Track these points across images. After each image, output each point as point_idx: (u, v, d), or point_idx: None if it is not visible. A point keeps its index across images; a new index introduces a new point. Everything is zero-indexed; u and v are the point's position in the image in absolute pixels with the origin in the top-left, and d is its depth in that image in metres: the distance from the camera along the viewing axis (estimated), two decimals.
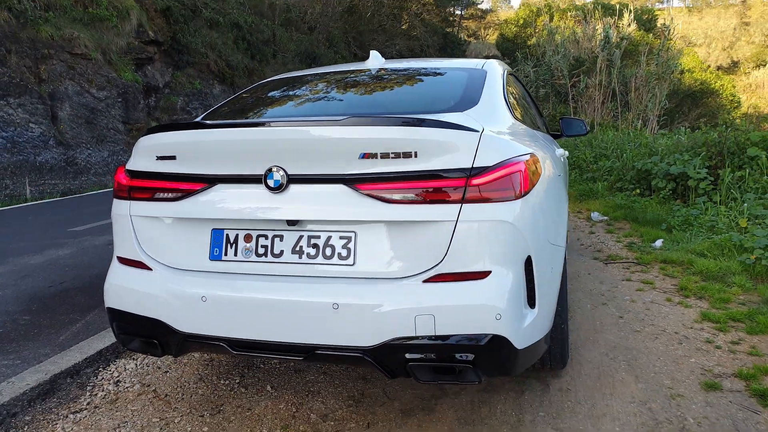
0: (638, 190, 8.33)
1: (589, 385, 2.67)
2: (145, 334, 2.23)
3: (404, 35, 37.81)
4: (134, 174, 2.29)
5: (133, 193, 2.28)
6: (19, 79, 10.50)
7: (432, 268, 1.96)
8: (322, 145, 2.00)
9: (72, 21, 12.39)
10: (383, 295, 1.95)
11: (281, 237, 2.09)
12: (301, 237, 2.07)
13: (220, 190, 2.13)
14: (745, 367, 2.79)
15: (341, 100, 2.81)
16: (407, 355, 1.95)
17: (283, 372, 2.89)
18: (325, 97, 2.87)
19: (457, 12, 64.02)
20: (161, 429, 2.39)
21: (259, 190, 2.05)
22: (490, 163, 1.96)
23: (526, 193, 2.04)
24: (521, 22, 40.78)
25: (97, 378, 2.88)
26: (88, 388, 2.79)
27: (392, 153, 1.94)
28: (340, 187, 1.99)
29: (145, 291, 2.20)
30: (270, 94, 3.02)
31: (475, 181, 1.94)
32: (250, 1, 21.15)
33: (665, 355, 2.98)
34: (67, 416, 2.51)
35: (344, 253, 2.03)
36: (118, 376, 2.89)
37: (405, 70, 3.10)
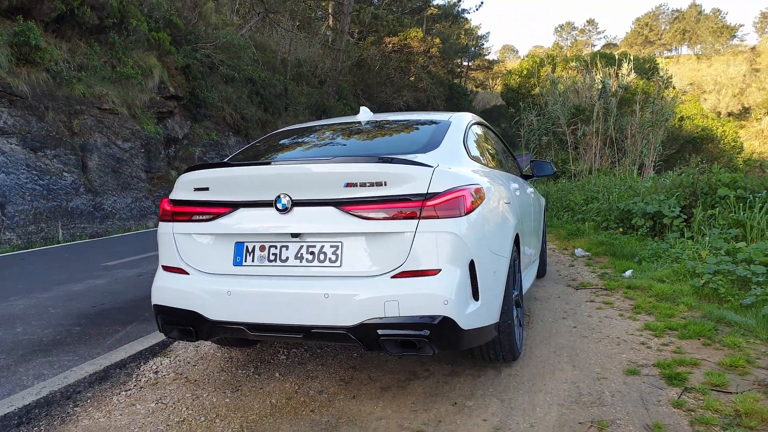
0: (621, 229, 9.00)
1: (534, 372, 3.32)
2: (183, 323, 2.93)
3: (411, 87, 39.15)
4: (176, 202, 3.04)
5: (175, 216, 3.03)
6: (55, 132, 11.52)
7: (398, 267, 2.66)
8: (317, 177, 2.75)
9: (101, 79, 13.53)
10: (361, 287, 2.65)
11: (287, 247, 2.81)
12: (301, 246, 2.79)
13: (241, 212, 2.86)
14: (665, 360, 3.42)
15: (336, 145, 3.58)
16: (379, 332, 2.63)
17: (289, 364, 3.56)
18: (323, 142, 3.65)
19: (465, 63, 66.10)
20: (193, 400, 3.06)
21: (271, 211, 2.78)
22: (441, 190, 2.69)
23: (469, 213, 2.76)
24: (525, 72, 42.18)
25: (140, 369, 3.57)
26: (134, 376, 3.48)
27: (368, 182, 2.67)
28: (331, 209, 2.72)
29: (183, 290, 2.92)
30: (280, 141, 3.80)
31: (429, 203, 2.66)
32: (263, 57, 22.51)
33: (602, 353, 3.62)
34: (120, 393, 3.20)
35: (333, 258, 2.74)
36: (156, 368, 3.58)
37: (388, 121, 3.88)
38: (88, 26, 13.45)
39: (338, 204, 2.70)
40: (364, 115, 3.96)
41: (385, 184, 2.67)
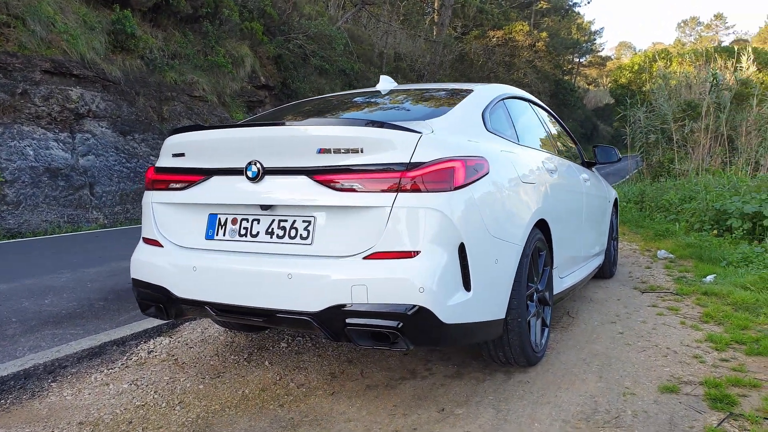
0: (715, 231, 7.98)
1: (550, 380, 2.84)
2: (154, 299, 2.74)
3: (515, 82, 37.90)
4: (157, 170, 2.86)
5: (155, 185, 2.85)
6: (144, 117, 12.07)
7: (371, 247, 2.31)
8: (288, 142, 2.45)
9: (193, 68, 14.03)
10: (329, 269, 2.32)
11: (258, 220, 2.55)
12: (273, 220, 2.51)
13: (214, 181, 2.63)
14: (716, 378, 2.81)
15: (341, 112, 3.28)
16: (347, 320, 2.29)
17: (286, 353, 3.31)
18: (329, 112, 3.34)
19: (575, 59, 63.20)
20: (167, 384, 2.88)
21: (242, 180, 2.52)
22: (426, 160, 2.31)
23: (461, 188, 2.36)
24: (636, 68, 39.70)
25: (136, 348, 3.46)
26: (127, 354, 3.36)
27: (343, 149, 2.34)
28: (302, 178, 2.41)
29: (155, 263, 2.73)
30: (288, 111, 3.54)
31: (410, 174, 2.29)
32: (359, 49, 22.54)
33: (641, 364, 3.06)
34: (102, 371, 3.09)
35: (305, 234, 2.44)
36: (152, 348, 3.45)
37: (406, 90, 3.52)
38: (183, 15, 13.99)
39: (310, 173, 2.40)
40: (385, 84, 3.63)
41: (362, 151, 2.33)
